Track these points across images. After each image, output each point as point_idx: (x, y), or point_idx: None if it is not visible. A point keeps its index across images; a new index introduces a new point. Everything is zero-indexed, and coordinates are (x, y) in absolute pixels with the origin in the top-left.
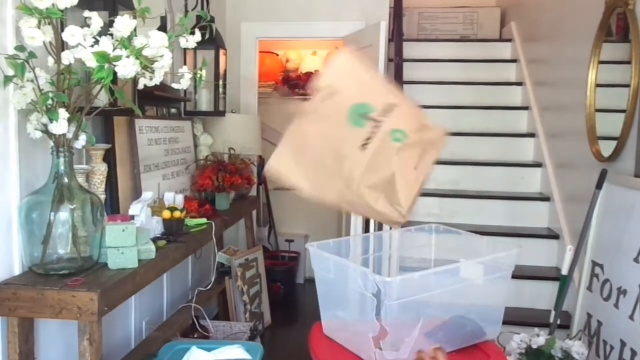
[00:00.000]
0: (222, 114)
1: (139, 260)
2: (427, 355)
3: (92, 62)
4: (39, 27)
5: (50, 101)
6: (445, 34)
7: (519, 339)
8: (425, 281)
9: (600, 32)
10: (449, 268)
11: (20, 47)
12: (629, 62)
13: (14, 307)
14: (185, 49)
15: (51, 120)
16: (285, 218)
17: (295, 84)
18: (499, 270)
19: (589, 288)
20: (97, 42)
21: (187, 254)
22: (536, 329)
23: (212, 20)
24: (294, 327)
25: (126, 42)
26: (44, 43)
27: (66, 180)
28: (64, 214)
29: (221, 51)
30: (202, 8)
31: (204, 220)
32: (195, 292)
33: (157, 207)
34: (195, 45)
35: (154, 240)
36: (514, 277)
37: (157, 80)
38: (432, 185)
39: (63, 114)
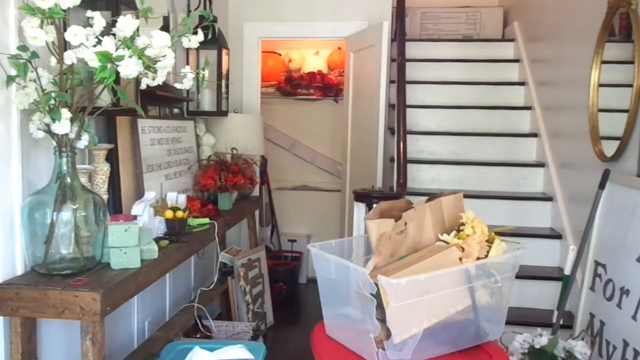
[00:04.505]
0: (224, 114)
1: (142, 260)
2: None
3: (94, 62)
4: (41, 27)
5: (52, 101)
6: (448, 33)
7: (522, 339)
8: (429, 283)
9: (603, 32)
10: (453, 270)
11: (23, 47)
12: (631, 62)
13: (17, 307)
14: (187, 49)
15: (54, 120)
16: (288, 218)
17: (297, 84)
18: (503, 271)
19: (592, 288)
20: (99, 42)
21: (190, 254)
22: (539, 329)
23: (215, 20)
24: (296, 327)
25: (129, 42)
26: (47, 43)
27: (69, 180)
28: (66, 214)
29: (224, 51)
30: (205, 8)
31: (206, 220)
32: (197, 292)
33: (159, 207)
34: (198, 45)
35: (157, 240)
36: (516, 277)
37: (159, 80)
38: (435, 185)
39: (65, 113)
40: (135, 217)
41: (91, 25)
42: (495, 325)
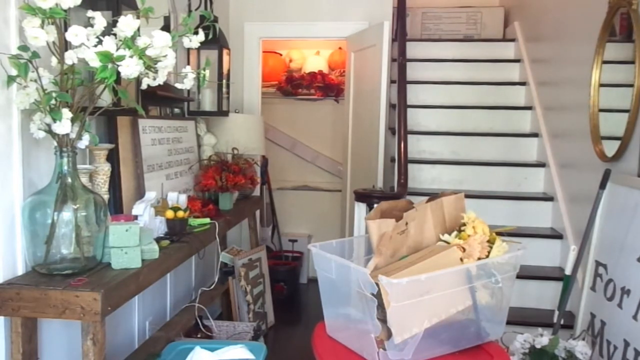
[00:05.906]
0: (225, 114)
1: (143, 260)
2: None
3: (95, 62)
4: (42, 27)
5: (53, 101)
6: (449, 33)
7: (523, 339)
8: (430, 283)
9: (603, 32)
10: (454, 270)
11: (24, 47)
12: (632, 62)
13: (17, 307)
14: (188, 49)
15: (54, 120)
16: (289, 218)
17: (298, 84)
18: (504, 271)
19: (593, 288)
20: (100, 42)
21: (191, 254)
22: (540, 329)
23: (216, 20)
24: (297, 327)
25: (129, 42)
26: (48, 43)
27: (69, 180)
28: (67, 214)
29: (224, 51)
30: (206, 8)
31: (207, 220)
32: (198, 292)
33: (160, 207)
34: (199, 45)
35: (158, 240)
36: (517, 277)
37: (160, 80)
38: (436, 185)
39: (66, 114)
40: (136, 217)
41: (92, 25)
42: (496, 325)
